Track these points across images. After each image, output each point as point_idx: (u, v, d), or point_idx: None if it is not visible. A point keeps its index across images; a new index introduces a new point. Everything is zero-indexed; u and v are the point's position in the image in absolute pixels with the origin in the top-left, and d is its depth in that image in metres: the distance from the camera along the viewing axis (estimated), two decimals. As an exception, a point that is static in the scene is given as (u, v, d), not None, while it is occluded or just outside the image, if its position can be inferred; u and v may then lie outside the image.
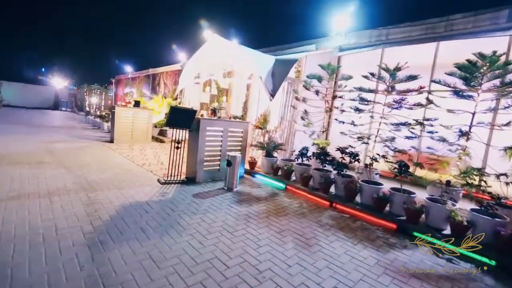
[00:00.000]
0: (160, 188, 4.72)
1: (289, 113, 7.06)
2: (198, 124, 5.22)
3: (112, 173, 5.27)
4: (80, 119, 17.72)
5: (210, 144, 5.48)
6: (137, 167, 5.94)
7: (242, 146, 6.07)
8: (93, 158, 6.36)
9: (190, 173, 5.46)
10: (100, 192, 4.15)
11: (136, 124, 9.22)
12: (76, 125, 13.77)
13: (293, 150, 6.49)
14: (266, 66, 7.00)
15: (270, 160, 6.11)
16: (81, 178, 4.76)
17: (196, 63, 9.59)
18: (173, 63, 16.17)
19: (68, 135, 9.90)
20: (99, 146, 8.02)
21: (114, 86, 23.92)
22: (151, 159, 6.91)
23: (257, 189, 5.32)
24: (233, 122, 5.81)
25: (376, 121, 5.62)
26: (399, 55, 7.34)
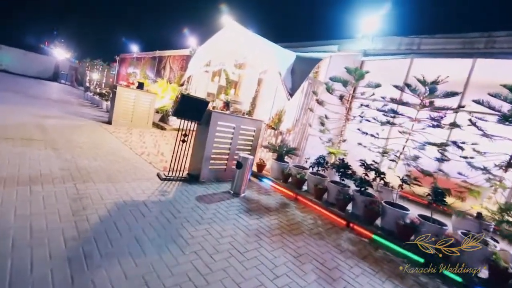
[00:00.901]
0: (160, 184, 4.15)
1: (305, 116, 6.51)
2: (209, 117, 4.63)
3: (107, 160, 4.68)
4: (79, 94, 16.92)
5: (219, 140, 4.91)
6: (135, 156, 5.34)
7: (253, 146, 5.51)
8: (87, 140, 5.74)
9: (194, 169, 4.89)
10: (91, 184, 3.56)
11: (137, 107, 8.57)
12: (74, 101, 13.02)
13: (307, 157, 5.94)
14: (286, 62, 6.42)
15: (281, 165, 5.56)
16: (71, 163, 4.16)
17: (208, 50, 8.96)
18: (181, 48, 15.45)
19: (64, 110, 9.21)
20: (95, 127, 7.38)
21: (117, 64, 23.05)
22: (151, 148, 6.32)
23: (265, 197, 4.78)
24: (246, 119, 5.25)
25: (402, 137, 5.10)
26: (428, 68, 6.82)
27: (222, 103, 5.64)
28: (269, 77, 10.13)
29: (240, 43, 8.75)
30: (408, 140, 5.01)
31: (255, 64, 10.11)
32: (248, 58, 10.41)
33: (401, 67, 7.13)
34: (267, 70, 10.24)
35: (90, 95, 14.02)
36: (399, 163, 5.00)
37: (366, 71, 5.79)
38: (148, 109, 8.92)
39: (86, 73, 22.19)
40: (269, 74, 9.97)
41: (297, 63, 6.49)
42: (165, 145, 6.96)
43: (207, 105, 4.52)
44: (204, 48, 8.88)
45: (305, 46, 9.11)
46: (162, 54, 16.72)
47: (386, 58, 7.17)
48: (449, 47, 6.26)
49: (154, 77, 17.05)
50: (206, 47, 8.72)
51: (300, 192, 5.10)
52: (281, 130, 6.21)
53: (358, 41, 7.88)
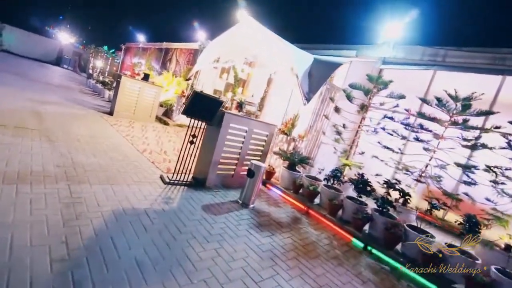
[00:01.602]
0: (164, 189, 3.74)
1: (319, 123, 6.11)
2: (221, 118, 4.23)
3: (106, 157, 4.25)
4: (81, 81, 16.42)
5: (230, 144, 4.50)
6: (136, 154, 4.92)
7: (264, 152, 5.11)
8: (87, 132, 5.31)
9: (200, 173, 4.48)
10: (87, 186, 3.14)
11: (141, 100, 8.13)
12: (75, 87, 12.54)
13: (322, 168, 5.55)
14: (304, 65, 6.02)
15: (292, 174, 5.16)
16: (67, 159, 3.74)
17: (219, 45, 8.52)
18: (189, 41, 14.99)
19: (64, 97, 8.75)
20: (96, 118, 6.94)
21: (122, 53, 22.53)
22: (153, 145, 5.89)
23: (275, 209, 4.38)
24: (259, 123, 4.84)
25: (426, 154, 4.73)
26: (451, 82, 6.42)
27: (235, 103, 5.21)
28: (279, 78, 9.74)
29: (253, 41, 8.34)
30: (432, 158, 4.64)
31: (267, 64, 9.70)
32: (259, 57, 9.99)
33: (422, 79, 6.76)
34: (277, 71, 9.84)
35: (92, 83, 13.54)
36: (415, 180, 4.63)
37: (389, 80, 5.40)
38: (152, 102, 8.49)
39: (90, 60, 21.66)
40: (279, 75, 9.58)
41: (315, 66, 6.09)
42: (168, 143, 6.54)
43: (221, 105, 4.11)
44: (215, 43, 8.45)
45: (318, 48, 8.70)
46: (169, 46, 16.25)
47: (407, 68, 6.77)
48: (477, 61, 5.88)
49: (159, 69, 16.59)
50: (217, 42, 8.28)
51: (312, 206, 4.71)
52: (294, 136, 5.80)
53: (377, 47, 7.49)
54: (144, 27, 25.42)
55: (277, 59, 8.26)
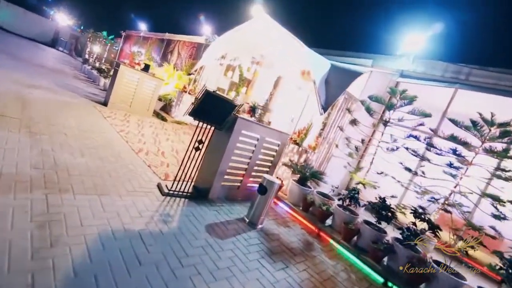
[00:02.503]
0: (161, 202, 3.16)
1: (332, 134, 5.62)
2: (233, 124, 3.68)
3: (96, 157, 3.64)
4: (76, 65, 15.54)
5: (239, 153, 3.96)
6: (131, 154, 4.32)
7: (273, 163, 4.59)
8: (76, 125, 4.67)
9: (202, 182, 3.92)
10: (69, 197, 2.55)
11: (139, 92, 7.48)
12: (69, 72, 11.74)
13: (336, 186, 5.05)
14: (321, 70, 5.52)
15: (303, 189, 4.65)
16: (48, 158, 3.12)
17: (227, 41, 7.95)
18: (192, 34, 14.34)
19: (55, 81, 8.01)
20: (88, 108, 6.27)
21: (122, 41, 21.63)
22: (150, 144, 5.29)
23: (285, 230, 3.86)
24: (272, 131, 4.31)
25: (448, 179, 4.29)
26: (471, 102, 6.04)
27: (247, 107, 4.66)
28: (288, 81, 9.23)
29: (264, 39, 7.81)
30: (457, 185, 4.21)
31: (277, 65, 9.18)
32: (267, 57, 9.46)
33: (441, 96, 6.35)
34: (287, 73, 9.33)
35: (87, 69, 12.73)
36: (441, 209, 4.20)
37: (414, 95, 4.95)
38: (151, 95, 7.85)
39: (87, 44, 20.68)
40: (289, 78, 9.07)
41: (333, 73, 5.60)
42: (166, 142, 5.94)
43: (234, 109, 3.56)
44: (223, 38, 7.87)
45: (331, 54, 8.23)
46: (172, 37, 15.56)
47: (427, 84, 6.35)
48: (503, 83, 5.50)
49: (160, 60, 15.88)
50: (226, 37, 7.71)
51: (323, 227, 4.21)
52: (305, 147, 5.29)
53: (395, 59, 7.07)
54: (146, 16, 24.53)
55: (290, 61, 7.75)
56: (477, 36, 19.74)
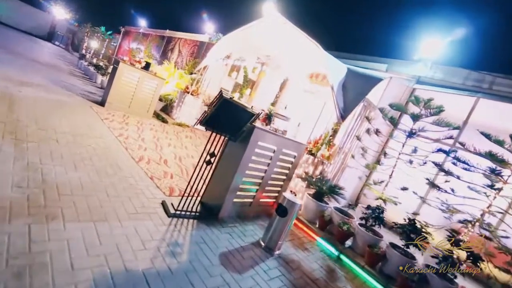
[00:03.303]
0: (168, 227, 2.70)
1: (348, 144, 5.20)
2: (249, 134, 3.22)
3: (92, 170, 3.15)
4: (72, 61, 14.90)
5: (254, 166, 3.51)
6: (131, 164, 3.84)
7: (288, 176, 4.15)
8: (70, 128, 4.16)
9: (211, 199, 3.46)
10: (58, 225, 2.07)
11: (139, 92, 6.97)
12: (64, 67, 11.13)
13: (355, 204, 4.62)
14: (338, 75, 5.09)
15: (319, 205, 4.22)
16: (35, 173, 2.62)
17: (233, 40, 7.49)
18: (194, 32, 13.83)
19: (49, 78, 7.45)
20: (84, 108, 5.75)
21: (120, 37, 20.96)
22: (151, 151, 4.81)
23: (304, 255, 3.42)
24: (288, 141, 3.87)
25: (479, 198, 3.90)
26: (493, 113, 5.70)
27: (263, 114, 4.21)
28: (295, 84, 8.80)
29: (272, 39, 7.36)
30: (491, 205, 3.81)
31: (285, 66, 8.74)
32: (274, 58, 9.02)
33: (461, 105, 5.96)
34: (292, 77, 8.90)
35: (84, 65, 12.14)
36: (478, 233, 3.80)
37: (440, 105, 4.55)
38: (152, 95, 7.34)
39: (84, 39, 19.98)
40: (296, 81, 8.64)
41: (350, 78, 5.17)
42: (168, 148, 5.46)
43: (252, 118, 3.10)
44: (229, 37, 7.40)
45: (343, 57, 7.81)
46: (173, 35, 15.01)
47: (446, 92, 5.97)
48: (530, 94, 5.14)
49: (159, 58, 15.32)
50: (232, 36, 7.24)
51: (343, 250, 3.79)
52: (320, 157, 4.86)
53: (411, 64, 6.68)
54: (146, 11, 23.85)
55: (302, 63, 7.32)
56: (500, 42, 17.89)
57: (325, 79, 8.04)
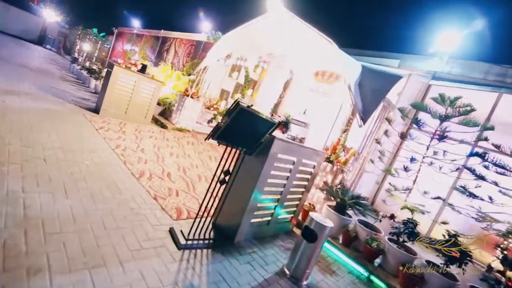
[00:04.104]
0: (179, 265, 2.24)
1: (368, 148, 4.77)
2: (268, 147, 2.77)
3: (86, 195, 2.68)
4: (64, 65, 14.27)
5: (272, 182, 3.06)
6: (131, 182, 3.36)
7: (307, 188, 3.71)
8: (60, 143, 3.67)
9: (225, 220, 3.00)
10: (42, 281, 1.60)
11: (136, 97, 6.46)
12: (55, 72, 10.55)
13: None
14: (354, 73, 4.65)
15: (342, 219, 3.79)
16: (15, 207, 2.14)
17: (235, 39, 7.00)
18: (190, 31, 13.28)
19: (38, 84, 6.90)
20: (76, 117, 5.24)
21: (114, 38, 20.30)
22: (152, 163, 4.33)
23: (333, 280, 2.99)
24: (307, 150, 3.42)
25: None
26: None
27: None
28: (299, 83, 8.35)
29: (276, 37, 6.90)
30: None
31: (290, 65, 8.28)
32: (276, 56, 8.55)
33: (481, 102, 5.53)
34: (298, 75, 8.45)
35: (76, 68, 11.55)
36: None
37: (470, 104, 4.13)
38: (150, 100, 6.84)
39: (76, 42, 19.31)
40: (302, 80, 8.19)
41: (367, 76, 4.73)
42: (170, 157, 4.98)
43: (272, 128, 2.65)
44: (230, 36, 6.92)
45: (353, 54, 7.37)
46: (168, 34, 14.44)
47: (466, 87, 5.55)
48: (560, 88, 4.74)
49: (155, 59, 14.76)
50: (234, 34, 6.76)
51: (373, 270, 3.36)
52: (340, 165, 4.42)
53: (425, 59, 6.25)
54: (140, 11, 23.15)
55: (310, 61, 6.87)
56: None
57: (332, 77, 7.60)
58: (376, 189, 6.15)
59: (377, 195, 6.24)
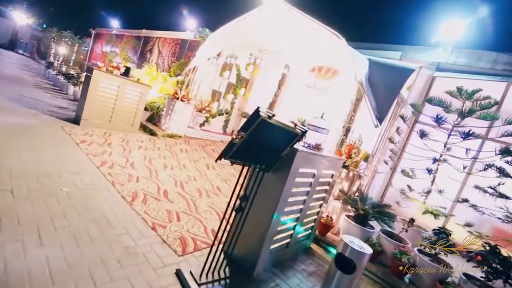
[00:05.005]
0: (194, 324, 1.74)
1: (380, 148, 4.39)
2: (288, 160, 2.30)
3: (68, 236, 2.11)
4: (38, 71, 13.20)
5: (293, 200, 2.59)
6: (122, 208, 2.81)
7: (325, 200, 3.27)
8: (32, 167, 3.05)
9: (241, 250, 2.50)
10: None
11: (120, 103, 5.81)
12: (29, 79, 9.61)
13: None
14: (363, 68, 4.24)
15: (364, 231, 3.38)
16: (-33, 269, 1.58)
17: (225, 35, 6.44)
18: (174, 30, 12.54)
19: (7, 94, 6.11)
20: (53, 131, 4.57)
21: (92, 40, 19.14)
22: (145, 180, 3.77)
23: (368, 308, 2.57)
24: (326, 159, 2.97)
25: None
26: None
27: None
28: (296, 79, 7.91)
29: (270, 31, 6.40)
30: None
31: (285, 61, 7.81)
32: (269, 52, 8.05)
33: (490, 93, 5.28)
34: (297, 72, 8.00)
35: (52, 74, 10.62)
36: None
37: (488, 96, 3.81)
38: (136, 106, 6.20)
39: (51, 45, 18.02)
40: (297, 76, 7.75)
41: (376, 71, 4.33)
42: (164, 170, 4.42)
43: (294, 140, 2.17)
44: (220, 32, 6.35)
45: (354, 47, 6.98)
46: (150, 34, 13.62)
47: (472, 78, 5.26)
48: None
49: (137, 61, 13.91)
50: (225, 30, 6.20)
51: (404, 285, 2.98)
52: (357, 170, 4.01)
53: (428, 50, 5.93)
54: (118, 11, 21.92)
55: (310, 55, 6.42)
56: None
57: (329, 73, 7.20)
58: (384, 188, 5.83)
59: (385, 194, 5.92)
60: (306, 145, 2.79)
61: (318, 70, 7.35)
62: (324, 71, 7.20)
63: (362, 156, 4.34)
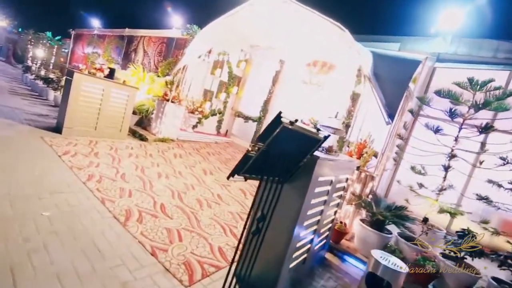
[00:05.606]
0: None
1: (389, 145, 4.14)
2: (307, 169, 1.99)
3: (47, 277, 1.73)
4: (15, 75, 12.36)
5: (311, 213, 2.29)
6: (116, 232, 2.43)
7: (339, 206, 2.99)
8: (6, 190, 2.61)
9: (256, 273, 2.18)
10: None
11: (106, 108, 5.34)
12: (4, 85, 8.90)
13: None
14: (368, 61, 3.97)
15: (381, 236, 3.12)
16: None
17: (216, 31, 6.05)
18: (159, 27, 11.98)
19: (-22, 102, 5.52)
20: (31, 143, 4.09)
21: (72, 41, 18.20)
22: (139, 193, 3.38)
23: (399, 327, 2.31)
24: (342, 163, 2.68)
25: None
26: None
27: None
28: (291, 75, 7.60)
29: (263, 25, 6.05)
30: None
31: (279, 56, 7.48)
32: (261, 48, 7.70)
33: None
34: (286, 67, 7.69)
35: (30, 78, 9.91)
36: None
37: (499, 86, 3.61)
38: (124, 109, 5.74)
39: (28, 48, 16.99)
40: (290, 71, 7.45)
41: (380, 64, 4.05)
42: (159, 180, 4.03)
43: (316, 147, 1.86)
44: (211, 27, 5.95)
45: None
46: (134, 33, 12.98)
47: (474, 67, 5.09)
48: None
49: (122, 61, 13.26)
50: (216, 25, 5.80)
51: (432, 297, 2.75)
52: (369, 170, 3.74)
53: (427, 40, 5.74)
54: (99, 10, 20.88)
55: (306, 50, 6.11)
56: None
57: (325, 67, 6.93)
58: (388, 185, 5.64)
59: (389, 190, 5.73)
60: (321, 149, 2.49)
61: (313, 64, 7.07)
62: (319, 66, 6.93)
63: (370, 154, 4.09)
